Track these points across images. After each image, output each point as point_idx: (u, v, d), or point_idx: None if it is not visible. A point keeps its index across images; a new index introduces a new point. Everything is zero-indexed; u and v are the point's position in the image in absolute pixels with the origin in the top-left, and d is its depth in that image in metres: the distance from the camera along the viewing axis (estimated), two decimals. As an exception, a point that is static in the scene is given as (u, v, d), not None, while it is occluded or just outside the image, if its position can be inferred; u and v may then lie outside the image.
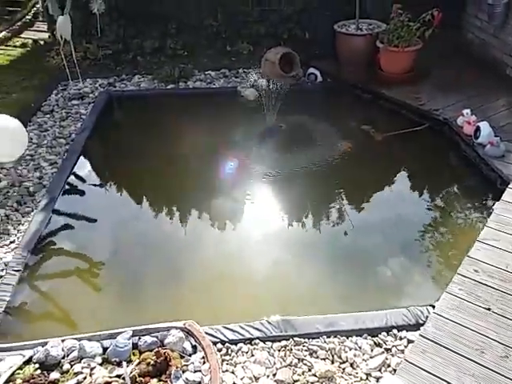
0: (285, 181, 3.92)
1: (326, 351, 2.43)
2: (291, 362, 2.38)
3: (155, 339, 2.21)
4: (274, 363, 2.37)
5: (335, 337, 2.51)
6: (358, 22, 5.33)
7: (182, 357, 2.15)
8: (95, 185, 4.08)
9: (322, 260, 3.16)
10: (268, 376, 2.30)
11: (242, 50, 6.17)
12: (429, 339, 2.30)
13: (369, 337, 2.50)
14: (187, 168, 4.17)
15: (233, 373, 2.33)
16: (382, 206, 3.73)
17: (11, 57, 6.90)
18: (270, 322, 2.54)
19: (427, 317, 2.48)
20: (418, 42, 4.93)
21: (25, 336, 2.45)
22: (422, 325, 2.44)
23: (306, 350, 2.45)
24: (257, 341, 2.48)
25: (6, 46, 6.75)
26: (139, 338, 2.21)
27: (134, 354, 2.17)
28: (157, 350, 2.13)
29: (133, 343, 2.19)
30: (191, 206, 3.71)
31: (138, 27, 6.21)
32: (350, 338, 2.51)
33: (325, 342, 2.48)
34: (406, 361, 2.21)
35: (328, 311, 2.63)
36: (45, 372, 2.08)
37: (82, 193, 3.95)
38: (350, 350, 2.45)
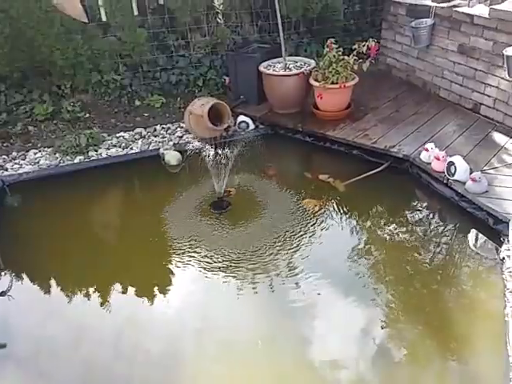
0: (235, 268, 3.15)
1: None
2: None
3: None
4: None
5: None
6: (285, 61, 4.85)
7: None
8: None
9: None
10: None
11: (154, 103, 5.41)
12: None
13: None
14: (113, 261, 3.38)
15: None
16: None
17: None
18: None
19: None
20: (354, 75, 4.55)
21: None
22: None
23: None
24: None
25: None
26: None
27: None
28: None
29: None
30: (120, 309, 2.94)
31: (24, 91, 5.19)
32: None
33: None
34: None
35: None
36: None
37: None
38: None
